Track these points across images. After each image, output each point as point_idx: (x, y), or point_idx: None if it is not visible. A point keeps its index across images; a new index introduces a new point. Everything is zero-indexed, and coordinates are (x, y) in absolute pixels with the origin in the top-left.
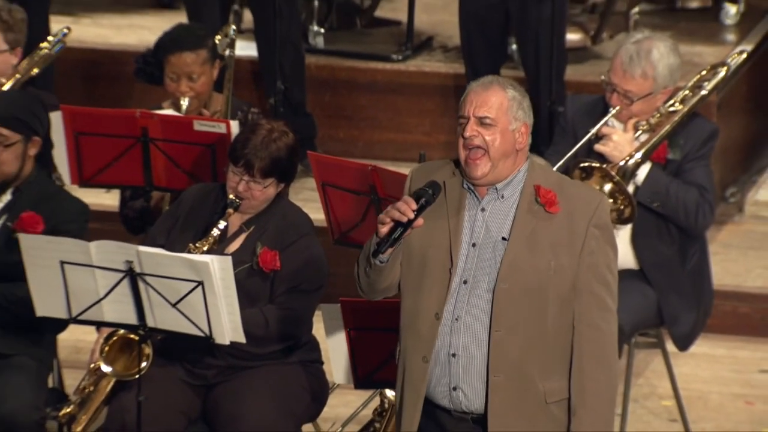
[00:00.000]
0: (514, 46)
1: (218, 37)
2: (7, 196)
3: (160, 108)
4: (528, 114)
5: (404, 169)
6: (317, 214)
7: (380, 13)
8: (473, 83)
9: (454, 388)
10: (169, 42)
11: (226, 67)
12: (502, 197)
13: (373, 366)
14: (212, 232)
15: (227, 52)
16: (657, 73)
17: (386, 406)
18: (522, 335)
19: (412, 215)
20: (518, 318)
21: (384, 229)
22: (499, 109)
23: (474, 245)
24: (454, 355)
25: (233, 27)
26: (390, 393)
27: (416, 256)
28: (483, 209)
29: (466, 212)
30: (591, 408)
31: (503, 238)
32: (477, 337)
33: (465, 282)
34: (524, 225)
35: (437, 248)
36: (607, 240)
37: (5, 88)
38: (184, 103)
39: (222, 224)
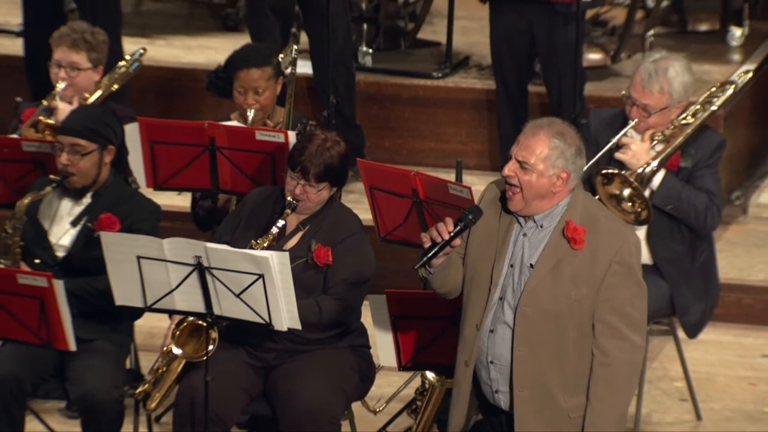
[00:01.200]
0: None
1: (282, 56)
2: (87, 200)
3: (229, 119)
4: (571, 161)
5: (443, 174)
6: (365, 215)
7: (422, 35)
8: (529, 123)
9: (496, 392)
10: (239, 59)
11: (287, 83)
12: (542, 227)
13: (415, 350)
14: (272, 230)
15: (289, 70)
16: (673, 89)
17: (426, 386)
18: (542, 355)
19: (447, 237)
20: (539, 339)
21: (425, 246)
22: (538, 157)
23: (512, 266)
24: (492, 362)
25: (295, 47)
26: (430, 375)
27: (470, 269)
28: (525, 234)
29: (512, 235)
30: (596, 426)
31: (531, 265)
32: (508, 350)
33: (501, 299)
34: (550, 256)
35: (484, 264)
36: (629, 276)
37: (89, 101)
38: (250, 114)
39: (281, 223)
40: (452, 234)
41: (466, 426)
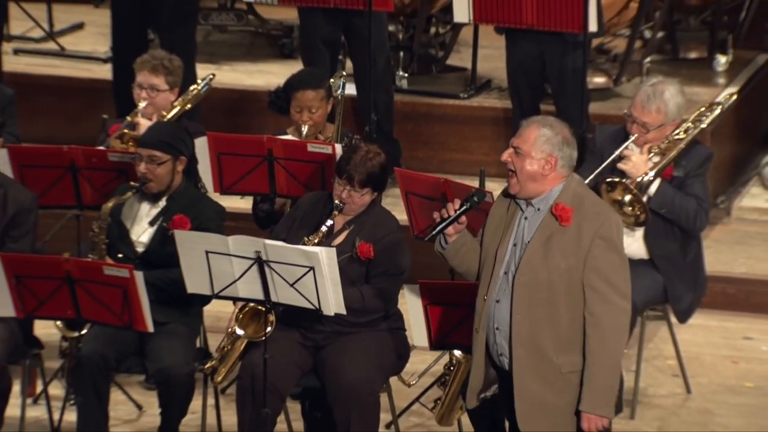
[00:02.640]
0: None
1: (332, 80)
2: (162, 203)
3: (285, 133)
4: (558, 148)
5: (468, 181)
6: (402, 216)
7: (451, 61)
8: (525, 121)
9: (500, 355)
10: (296, 82)
11: (336, 103)
12: (538, 209)
13: (444, 332)
14: (321, 229)
15: (338, 92)
16: (668, 109)
17: (454, 362)
18: (536, 318)
19: (453, 213)
20: (533, 305)
21: (437, 220)
22: (528, 143)
23: (515, 245)
24: (497, 328)
25: (343, 73)
26: (457, 352)
27: (483, 251)
28: (526, 218)
29: (516, 219)
30: (595, 378)
31: (528, 241)
32: (509, 316)
33: (505, 273)
34: (543, 233)
35: (493, 244)
36: (611, 249)
37: (167, 118)
38: (304, 129)
39: (329, 223)
40: (458, 211)
41: (482, 386)
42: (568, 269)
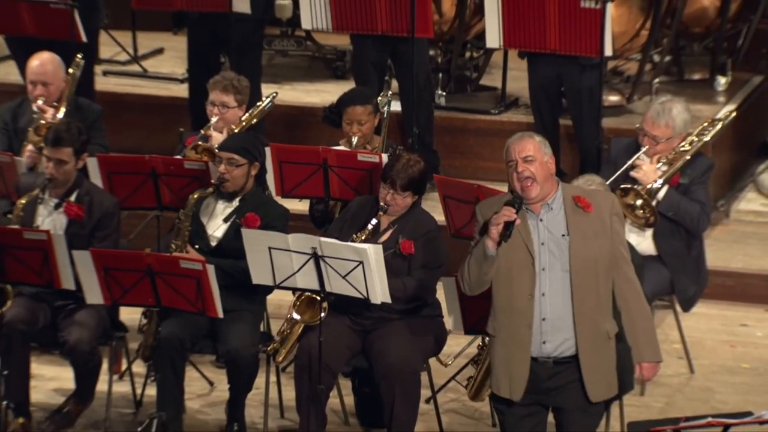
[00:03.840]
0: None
1: (380, 97)
2: (236, 203)
3: (338, 144)
4: (550, 151)
5: (499, 186)
6: (440, 216)
7: (483, 82)
8: (510, 139)
9: (544, 342)
10: (348, 99)
11: (383, 117)
12: (552, 209)
13: (477, 319)
14: (368, 228)
15: (385, 108)
16: (675, 124)
17: (486, 344)
18: (590, 295)
19: (515, 215)
20: (587, 285)
21: (498, 228)
22: (534, 150)
23: (543, 243)
24: (543, 319)
25: (390, 92)
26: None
27: (502, 260)
28: (541, 219)
29: (529, 224)
30: (644, 331)
31: (563, 235)
32: (559, 304)
33: (543, 269)
34: (575, 224)
35: (517, 250)
36: (621, 222)
37: (238, 129)
38: (354, 141)
39: (375, 222)
40: (516, 212)
41: (528, 381)
42: (600, 247)
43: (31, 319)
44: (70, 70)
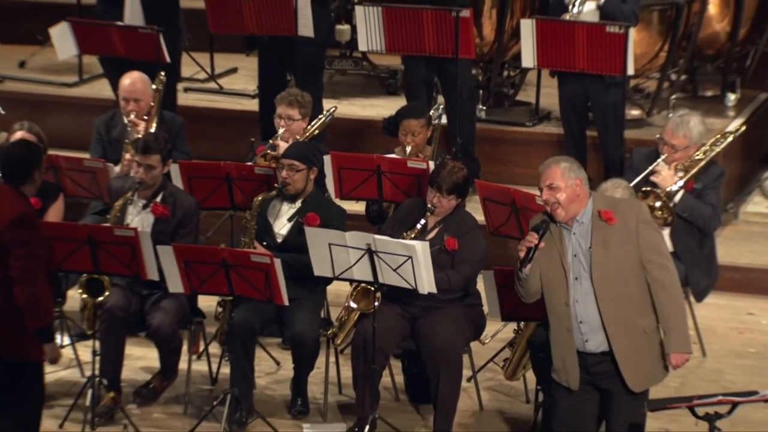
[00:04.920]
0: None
1: (432, 111)
2: (298, 204)
3: (393, 152)
4: (576, 172)
5: (531, 190)
6: (480, 217)
7: (519, 98)
8: (541, 166)
9: (586, 341)
10: (405, 112)
11: (434, 129)
12: (582, 223)
13: (512, 307)
14: (417, 227)
15: (436, 121)
16: (692, 135)
17: (521, 329)
18: (617, 299)
19: (536, 241)
20: (611, 290)
21: (522, 253)
22: (559, 177)
23: (575, 255)
24: (581, 322)
25: (441, 106)
26: (522, 322)
27: (544, 271)
28: (573, 233)
29: (565, 238)
30: (674, 326)
31: (588, 248)
32: (590, 309)
33: (576, 278)
34: (598, 236)
35: (555, 263)
36: (652, 228)
37: (301, 140)
38: (408, 150)
39: (423, 221)
40: (539, 238)
41: (579, 371)
42: (626, 254)
43: (127, 306)
44: (156, 86)
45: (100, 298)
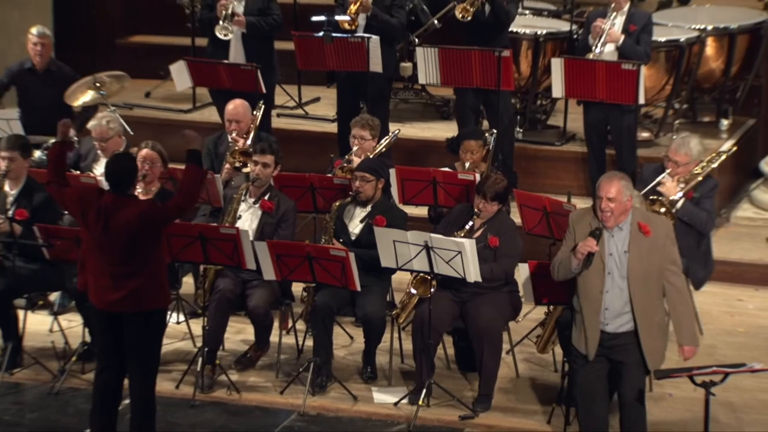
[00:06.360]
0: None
1: (487, 134)
2: (369, 208)
3: (454, 167)
4: (630, 190)
5: (560, 197)
6: (517, 219)
7: (550, 122)
8: (602, 176)
9: (606, 324)
10: (465, 134)
11: (489, 150)
12: (622, 230)
13: (544, 293)
14: (466, 227)
15: (489, 141)
16: (692, 153)
17: (550, 311)
18: (643, 295)
19: (596, 248)
20: (640, 287)
21: (581, 257)
22: (617, 191)
23: (611, 254)
24: (606, 309)
25: (494, 130)
26: (551, 306)
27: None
28: (612, 236)
29: (606, 238)
30: (685, 323)
31: (625, 251)
32: (617, 300)
33: (609, 273)
34: (635, 244)
35: (595, 258)
36: (674, 244)
37: (371, 156)
38: (467, 165)
39: (470, 223)
40: (597, 242)
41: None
42: (653, 262)
43: (234, 290)
44: (255, 113)
45: (207, 285)
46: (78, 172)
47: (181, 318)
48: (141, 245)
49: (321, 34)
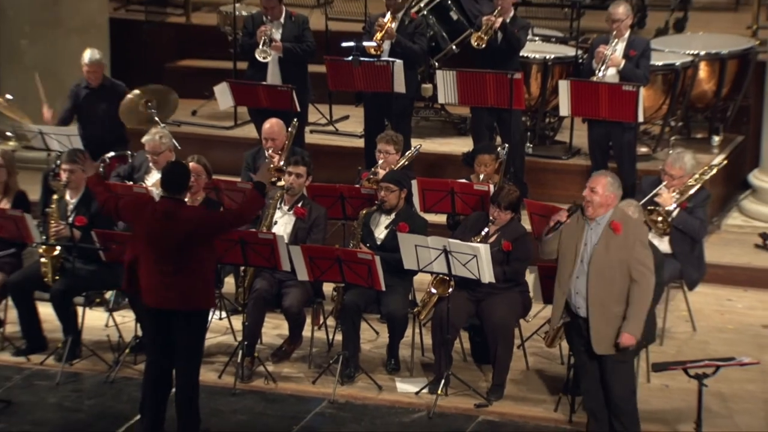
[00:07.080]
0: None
1: (499, 149)
2: (393, 216)
3: (470, 179)
4: (616, 188)
5: (566, 206)
6: (528, 226)
7: (558, 138)
8: (595, 173)
9: (578, 308)
10: (480, 149)
11: (501, 163)
12: (598, 224)
13: (552, 293)
14: (481, 233)
15: (502, 155)
16: (687, 167)
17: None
18: (602, 286)
19: (565, 218)
20: (600, 280)
21: (552, 224)
22: (601, 186)
23: (585, 245)
24: (577, 293)
25: (506, 145)
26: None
27: (562, 246)
28: (591, 228)
29: (585, 230)
30: (635, 315)
31: (595, 245)
32: (584, 286)
33: (581, 261)
34: (603, 239)
35: (570, 243)
36: (644, 247)
37: (395, 168)
38: (481, 177)
39: (486, 229)
40: (569, 215)
41: (561, 318)
42: (619, 260)
43: (270, 290)
44: (290, 129)
45: (246, 284)
46: (131, 183)
47: (223, 314)
48: (194, 248)
49: (350, 58)
